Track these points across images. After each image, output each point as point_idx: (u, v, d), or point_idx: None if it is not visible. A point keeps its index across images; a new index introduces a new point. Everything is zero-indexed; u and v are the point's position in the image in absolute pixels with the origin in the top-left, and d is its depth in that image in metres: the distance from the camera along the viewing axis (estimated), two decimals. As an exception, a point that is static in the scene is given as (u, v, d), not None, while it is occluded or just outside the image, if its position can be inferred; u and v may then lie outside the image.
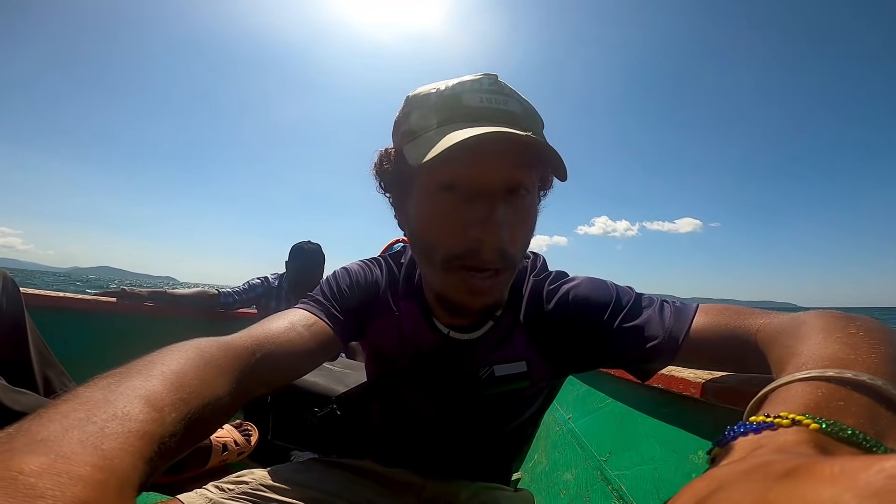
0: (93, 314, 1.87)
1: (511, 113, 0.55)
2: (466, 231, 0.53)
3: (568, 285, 0.67)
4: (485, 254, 0.53)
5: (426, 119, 0.56)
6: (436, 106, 0.56)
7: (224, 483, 0.68)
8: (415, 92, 0.58)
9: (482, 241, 0.53)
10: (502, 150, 0.52)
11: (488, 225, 0.52)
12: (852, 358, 0.32)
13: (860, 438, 0.23)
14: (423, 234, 0.58)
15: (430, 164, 0.51)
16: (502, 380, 0.67)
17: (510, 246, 0.55)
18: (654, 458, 0.83)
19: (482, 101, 0.55)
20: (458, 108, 0.55)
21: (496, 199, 0.53)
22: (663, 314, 0.59)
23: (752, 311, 0.53)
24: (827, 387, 0.29)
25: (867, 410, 0.26)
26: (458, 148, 0.49)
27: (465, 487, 0.76)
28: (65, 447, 0.24)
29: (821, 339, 0.37)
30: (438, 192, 0.55)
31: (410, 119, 0.58)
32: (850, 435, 0.23)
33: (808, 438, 0.23)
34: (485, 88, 0.55)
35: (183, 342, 0.42)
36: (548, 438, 1.45)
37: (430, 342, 0.69)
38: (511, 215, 0.54)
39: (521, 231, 0.56)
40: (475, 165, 0.53)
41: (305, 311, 0.65)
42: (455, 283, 0.57)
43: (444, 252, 0.55)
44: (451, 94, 0.55)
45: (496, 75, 0.57)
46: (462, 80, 0.56)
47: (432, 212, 0.56)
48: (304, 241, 2.36)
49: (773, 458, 0.19)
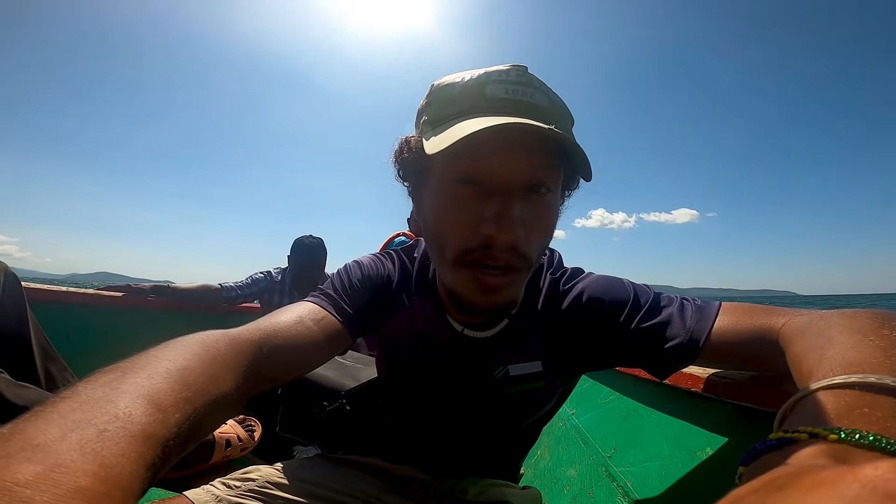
0: (95, 309, 1.87)
1: (536, 106, 0.53)
2: (479, 226, 0.52)
3: (584, 283, 0.66)
4: (497, 251, 0.52)
5: (447, 108, 0.55)
6: (459, 95, 0.54)
7: (230, 480, 0.68)
8: (440, 80, 0.57)
9: (494, 237, 0.51)
10: (522, 143, 0.50)
11: (503, 221, 0.50)
12: (880, 361, 0.31)
13: (883, 444, 0.22)
14: (436, 227, 0.57)
15: (446, 155, 0.50)
16: (517, 380, 0.65)
17: (525, 245, 0.53)
18: (660, 454, 0.82)
19: (507, 93, 0.52)
20: (480, 98, 0.53)
21: (513, 196, 0.52)
22: (684, 314, 0.58)
23: (777, 310, 0.52)
24: (851, 394, 0.28)
25: (894, 414, 0.26)
26: (474, 139, 0.47)
27: (472, 484, 0.75)
28: (63, 453, 0.23)
29: (849, 341, 0.35)
30: (454, 185, 0.53)
31: (432, 108, 0.57)
32: (871, 441, 0.22)
33: (827, 451, 0.23)
34: (511, 79, 0.53)
35: (188, 336, 0.41)
36: (551, 434, 1.44)
37: (443, 339, 0.68)
38: (528, 213, 0.53)
39: (538, 231, 0.54)
40: (493, 159, 0.51)
41: (315, 304, 0.63)
42: (466, 279, 0.55)
43: (455, 247, 0.54)
44: (476, 85, 0.53)
45: (525, 67, 0.54)
46: (489, 71, 0.54)
47: (447, 205, 0.55)
48: (306, 236, 2.35)
49: (780, 473, 0.19)
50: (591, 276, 0.67)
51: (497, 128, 0.47)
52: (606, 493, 0.88)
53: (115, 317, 1.94)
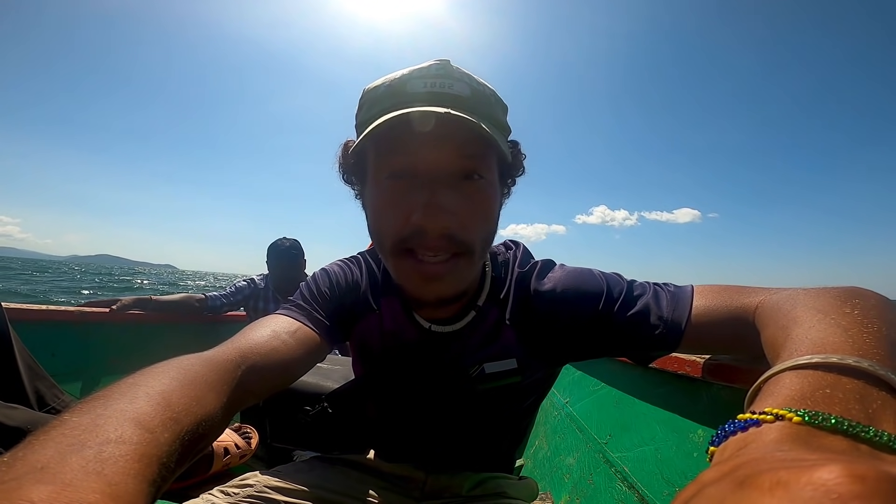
0: (79, 325, 1.83)
1: (457, 96, 0.54)
2: (409, 217, 0.53)
3: (556, 277, 0.66)
4: (429, 239, 0.53)
5: (373, 108, 0.56)
6: (383, 95, 0.55)
7: (229, 487, 0.68)
8: (369, 84, 0.58)
9: (423, 226, 0.52)
10: (447, 134, 0.52)
11: (430, 210, 0.52)
12: (842, 341, 0.32)
13: (845, 425, 0.23)
14: (375, 223, 0.58)
15: (377, 154, 0.55)
16: (493, 376, 0.66)
17: (461, 232, 0.54)
18: (654, 438, 0.83)
19: (425, 87, 0.54)
20: (402, 95, 0.54)
21: (440, 185, 0.53)
22: (659, 302, 0.58)
23: (750, 289, 0.53)
24: (814, 374, 0.28)
25: (855, 395, 0.26)
26: (398, 134, 0.51)
27: (468, 479, 0.76)
28: (67, 474, 0.24)
29: (813, 321, 0.36)
30: (387, 181, 0.55)
31: (362, 111, 0.58)
32: (834, 424, 0.23)
33: (791, 433, 0.23)
34: (431, 74, 0.54)
35: (164, 362, 0.41)
36: (547, 424, 1.45)
37: (412, 337, 0.68)
38: (461, 201, 0.54)
39: (473, 217, 0.55)
40: (420, 152, 0.53)
41: (288, 317, 0.63)
42: (406, 269, 0.56)
43: (391, 238, 0.55)
44: (398, 83, 0.55)
45: (448, 60, 0.56)
46: (413, 69, 0.55)
47: (382, 200, 0.56)
48: (280, 239, 2.34)
49: (744, 462, 0.20)
50: (562, 269, 0.68)
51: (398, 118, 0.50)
52: (606, 478, 0.90)
53: (100, 332, 1.91)
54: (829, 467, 0.16)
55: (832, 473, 0.15)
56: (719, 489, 0.18)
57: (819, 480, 0.15)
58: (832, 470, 0.15)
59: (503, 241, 0.76)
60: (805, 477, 0.16)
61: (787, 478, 0.16)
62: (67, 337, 1.77)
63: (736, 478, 0.18)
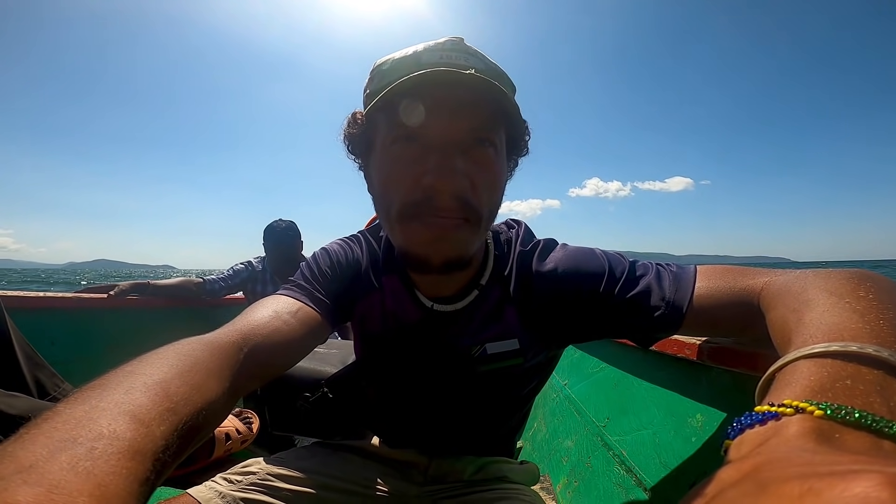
0: (77, 312, 1.83)
1: (471, 69, 0.53)
2: (421, 179, 0.53)
3: (558, 257, 0.65)
4: (441, 201, 0.52)
5: (386, 78, 0.55)
6: (397, 66, 0.55)
7: (231, 474, 0.68)
8: (380, 59, 0.58)
9: (436, 187, 0.52)
10: (461, 100, 0.52)
11: (443, 171, 0.52)
12: (859, 327, 0.31)
13: (868, 421, 0.22)
14: (382, 188, 0.58)
15: (388, 121, 0.54)
16: (495, 357, 0.66)
17: (472, 195, 0.54)
18: (652, 422, 0.84)
19: (441, 58, 0.54)
20: (415, 66, 0.54)
21: (454, 150, 0.53)
22: (662, 283, 0.58)
23: (754, 271, 0.52)
24: (832, 364, 0.27)
25: (876, 387, 0.25)
26: (412, 98, 0.50)
27: (470, 463, 0.76)
28: (56, 474, 0.23)
29: (827, 304, 0.35)
30: (398, 145, 0.55)
31: (373, 82, 0.58)
32: (857, 418, 0.22)
33: (813, 427, 0.22)
34: (446, 48, 0.55)
35: (163, 347, 0.41)
36: (545, 405, 1.47)
37: (414, 316, 0.67)
38: (472, 167, 0.54)
39: (483, 183, 0.55)
40: (433, 116, 0.52)
41: (289, 297, 0.63)
42: (414, 230, 0.55)
43: (400, 201, 0.55)
44: (412, 55, 0.55)
45: (462, 38, 0.56)
46: (427, 43, 0.55)
47: (391, 165, 0.56)
48: (276, 221, 2.32)
49: (766, 462, 0.19)
50: (564, 249, 0.67)
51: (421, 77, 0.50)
52: (603, 462, 0.91)
53: (99, 318, 1.90)
54: (866, 476, 0.14)
55: (870, 482, 0.14)
56: (741, 492, 0.17)
57: (855, 490, 0.14)
58: (870, 478, 0.14)
59: (504, 219, 0.76)
60: (839, 486, 0.14)
61: (819, 486, 0.15)
62: (66, 324, 1.77)
63: (759, 481, 0.17)
